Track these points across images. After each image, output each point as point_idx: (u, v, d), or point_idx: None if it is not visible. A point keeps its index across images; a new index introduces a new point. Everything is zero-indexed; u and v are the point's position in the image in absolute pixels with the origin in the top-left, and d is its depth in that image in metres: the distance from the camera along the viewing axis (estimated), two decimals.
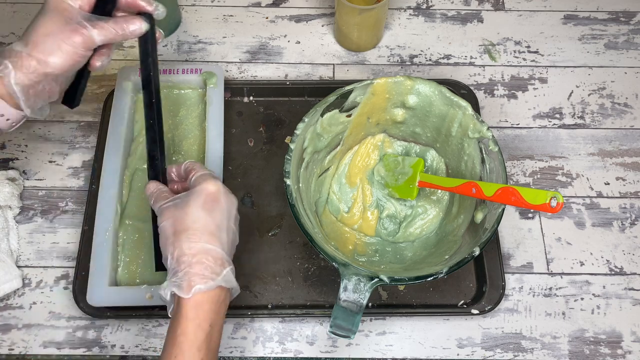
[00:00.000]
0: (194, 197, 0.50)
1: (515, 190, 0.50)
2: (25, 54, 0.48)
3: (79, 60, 0.50)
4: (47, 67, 0.48)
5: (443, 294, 0.64)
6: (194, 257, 0.47)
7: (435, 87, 0.61)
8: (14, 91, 0.48)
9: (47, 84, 0.49)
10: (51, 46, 0.48)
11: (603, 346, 0.63)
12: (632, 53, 0.80)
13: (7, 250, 0.64)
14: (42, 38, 0.48)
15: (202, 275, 0.46)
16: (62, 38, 0.48)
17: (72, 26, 0.48)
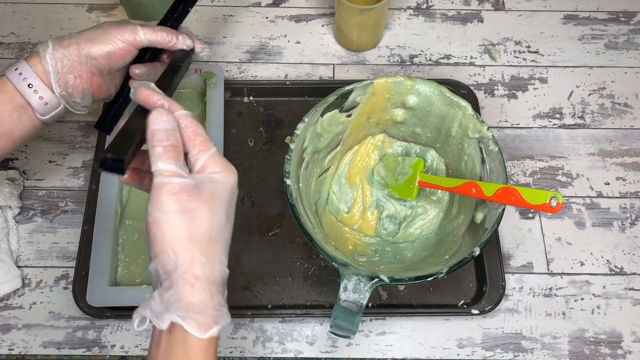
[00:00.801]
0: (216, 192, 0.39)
1: (515, 190, 0.50)
2: (68, 35, 0.50)
3: (118, 52, 0.50)
4: (85, 47, 0.49)
5: (443, 294, 0.64)
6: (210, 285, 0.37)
7: (435, 87, 0.61)
8: (47, 63, 0.49)
9: (82, 70, 0.50)
10: (96, 33, 0.50)
11: (603, 346, 0.63)
12: (632, 53, 0.80)
13: (7, 250, 0.64)
14: (92, 29, 0.51)
15: (215, 312, 0.37)
16: (108, 27, 0.50)
17: (124, 23, 0.51)
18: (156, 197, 0.37)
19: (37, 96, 0.50)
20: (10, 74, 0.50)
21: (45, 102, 0.50)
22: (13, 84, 0.49)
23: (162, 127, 0.38)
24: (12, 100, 0.49)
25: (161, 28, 0.53)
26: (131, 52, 0.52)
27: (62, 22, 0.81)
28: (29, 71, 0.49)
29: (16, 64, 0.50)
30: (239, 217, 0.67)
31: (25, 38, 0.80)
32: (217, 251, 0.39)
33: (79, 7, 0.82)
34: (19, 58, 0.53)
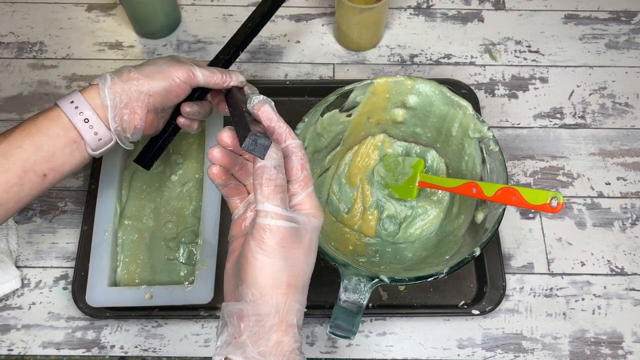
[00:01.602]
0: (313, 237, 0.39)
1: (516, 190, 0.50)
2: (127, 69, 0.50)
3: (175, 89, 0.51)
4: (144, 84, 0.49)
5: (443, 295, 0.64)
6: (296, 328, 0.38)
7: (435, 86, 0.61)
8: (105, 97, 0.48)
9: (138, 106, 0.50)
10: (154, 69, 0.50)
11: (604, 347, 0.63)
12: (633, 53, 0.80)
13: (6, 251, 0.64)
14: (150, 65, 0.51)
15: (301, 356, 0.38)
16: (167, 66, 0.50)
17: (181, 62, 0.52)
18: (260, 236, 0.37)
19: (92, 131, 0.48)
20: (65, 107, 0.48)
21: (99, 138, 0.49)
22: (68, 117, 0.48)
23: (272, 164, 0.37)
24: (66, 134, 0.48)
25: (216, 69, 0.54)
26: (186, 90, 0.52)
27: (62, 21, 0.81)
28: (85, 105, 0.48)
29: (71, 96, 0.49)
30: None
31: (24, 38, 0.79)
32: (304, 296, 0.39)
33: (79, 6, 0.82)
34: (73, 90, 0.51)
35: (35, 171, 0.47)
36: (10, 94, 0.75)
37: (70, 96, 0.49)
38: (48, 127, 0.47)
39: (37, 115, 0.48)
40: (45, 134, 0.47)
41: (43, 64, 0.78)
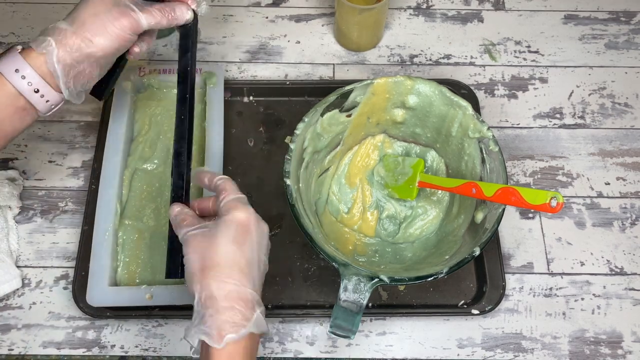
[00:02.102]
0: (223, 227, 0.45)
1: (515, 190, 0.50)
2: (70, 32, 0.47)
3: (124, 43, 0.50)
4: (91, 47, 0.47)
5: (443, 294, 0.64)
6: (223, 301, 0.42)
7: (435, 87, 0.61)
8: (54, 69, 0.47)
9: (88, 65, 0.49)
10: (98, 26, 0.47)
11: (603, 346, 0.63)
12: (633, 53, 0.80)
13: (7, 250, 0.64)
14: (90, 18, 0.47)
15: (233, 322, 0.42)
16: (109, 19, 0.48)
17: (121, 9, 0.48)
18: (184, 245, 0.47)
19: (43, 99, 0.48)
20: (11, 77, 0.46)
21: (49, 102, 0.49)
22: (17, 89, 0.47)
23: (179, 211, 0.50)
24: (14, 103, 0.47)
25: (159, 8, 0.51)
26: (134, 40, 0.51)
27: None
28: (33, 74, 0.47)
29: (14, 62, 0.47)
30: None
31: (25, 38, 0.80)
32: (229, 275, 0.44)
33: None
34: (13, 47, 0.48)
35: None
36: None
37: (14, 62, 0.47)
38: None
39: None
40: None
41: None
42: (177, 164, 0.54)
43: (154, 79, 0.72)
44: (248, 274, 0.44)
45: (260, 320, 0.44)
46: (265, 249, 0.48)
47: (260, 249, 0.47)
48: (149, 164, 0.68)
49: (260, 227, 0.47)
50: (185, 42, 0.56)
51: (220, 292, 0.43)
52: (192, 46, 0.55)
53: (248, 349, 0.43)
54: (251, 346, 0.43)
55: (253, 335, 0.43)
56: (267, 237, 0.48)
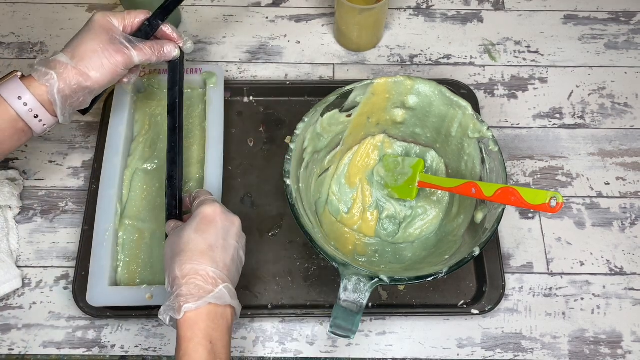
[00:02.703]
0: (190, 221, 0.51)
1: (515, 190, 0.50)
2: (70, 66, 0.52)
3: (116, 77, 0.55)
4: (88, 81, 0.53)
5: (443, 294, 0.64)
6: (183, 279, 0.47)
7: (435, 87, 0.61)
8: (55, 100, 0.52)
9: (83, 95, 0.54)
10: (95, 62, 0.53)
11: (603, 346, 0.63)
12: (632, 53, 0.80)
13: (7, 250, 0.64)
14: (88, 54, 0.53)
15: (191, 294, 0.47)
16: (106, 56, 0.53)
17: (116, 46, 0.54)
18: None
19: (41, 124, 0.53)
20: (13, 102, 0.51)
21: (46, 127, 0.54)
22: (18, 113, 0.51)
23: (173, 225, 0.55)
24: (14, 126, 0.52)
25: (150, 46, 0.57)
26: (125, 73, 0.56)
27: (62, 22, 0.81)
28: (35, 103, 0.51)
29: (16, 89, 0.51)
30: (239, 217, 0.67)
31: (25, 38, 0.80)
32: (190, 257, 0.48)
33: (79, 7, 0.82)
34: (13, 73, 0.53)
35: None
36: None
37: (15, 88, 0.51)
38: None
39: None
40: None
41: None
42: (170, 185, 0.59)
43: (154, 79, 0.72)
44: (209, 255, 0.49)
45: (224, 294, 0.48)
46: (235, 236, 0.52)
47: (227, 235, 0.51)
48: (149, 164, 0.68)
49: (228, 218, 0.52)
50: (173, 75, 0.61)
51: (181, 272, 0.48)
52: (180, 80, 0.61)
53: (211, 317, 0.47)
54: (216, 315, 0.47)
55: (219, 307, 0.47)
56: (237, 227, 0.52)
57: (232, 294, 0.49)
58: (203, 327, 0.46)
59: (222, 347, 0.47)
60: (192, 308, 0.46)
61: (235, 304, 0.49)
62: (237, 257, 0.52)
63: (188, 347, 0.45)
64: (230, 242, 0.51)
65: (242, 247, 0.53)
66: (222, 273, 0.49)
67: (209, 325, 0.46)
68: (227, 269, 0.50)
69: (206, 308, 0.47)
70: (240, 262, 0.53)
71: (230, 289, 0.49)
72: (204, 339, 0.46)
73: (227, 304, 0.48)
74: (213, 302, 0.47)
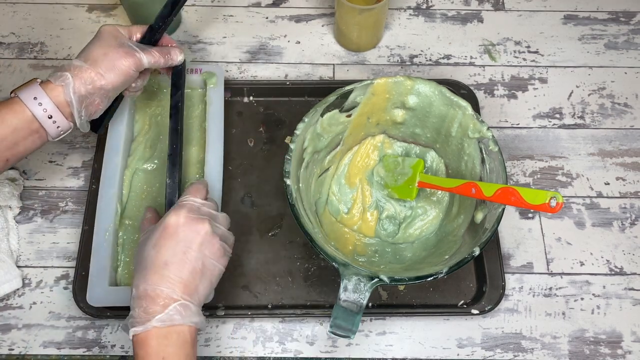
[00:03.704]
0: (153, 232, 0.51)
1: (515, 190, 0.50)
2: (85, 67, 0.54)
3: (129, 79, 0.57)
4: (102, 81, 0.55)
5: (443, 294, 0.64)
6: (136, 301, 0.48)
7: (435, 87, 0.61)
8: (71, 99, 0.53)
9: (98, 97, 0.55)
10: (108, 64, 0.55)
11: (603, 346, 0.63)
12: (632, 53, 0.80)
13: (7, 250, 0.64)
14: (101, 56, 0.55)
15: (139, 317, 0.47)
16: (117, 58, 0.56)
17: (126, 49, 0.56)
18: None
19: (55, 125, 0.54)
20: (29, 103, 0.52)
21: (60, 128, 0.55)
22: (33, 114, 0.52)
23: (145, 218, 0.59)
24: (28, 127, 0.53)
25: (157, 50, 0.60)
26: (136, 76, 0.58)
27: (62, 22, 0.81)
28: (49, 103, 0.53)
29: (33, 90, 0.53)
30: (239, 217, 0.68)
31: (25, 38, 0.80)
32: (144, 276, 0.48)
33: (79, 7, 0.82)
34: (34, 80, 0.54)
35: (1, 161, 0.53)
36: None
37: (33, 90, 0.53)
38: (12, 120, 0.52)
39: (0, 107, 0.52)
40: (8, 127, 0.52)
41: (44, 65, 0.78)
42: (170, 186, 0.59)
43: (154, 79, 0.72)
44: (162, 273, 0.48)
45: (171, 316, 0.47)
46: (198, 247, 0.50)
47: (188, 247, 0.49)
48: (149, 164, 0.68)
49: (192, 227, 0.50)
50: (177, 81, 0.64)
51: (137, 291, 0.48)
52: (182, 85, 0.64)
53: (163, 335, 0.47)
54: (168, 333, 0.47)
55: (171, 328, 0.47)
56: (202, 236, 0.50)
57: (189, 311, 0.48)
58: (154, 345, 0.46)
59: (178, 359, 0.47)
60: (139, 332, 0.47)
61: (190, 322, 0.48)
62: (202, 268, 0.50)
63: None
64: (191, 255, 0.49)
65: (210, 255, 0.50)
66: (176, 292, 0.48)
67: (159, 343, 0.46)
68: (182, 286, 0.48)
69: (155, 328, 0.47)
70: (209, 272, 0.50)
71: (187, 305, 0.48)
72: (154, 356, 0.46)
73: (176, 325, 0.47)
74: (158, 325, 0.46)
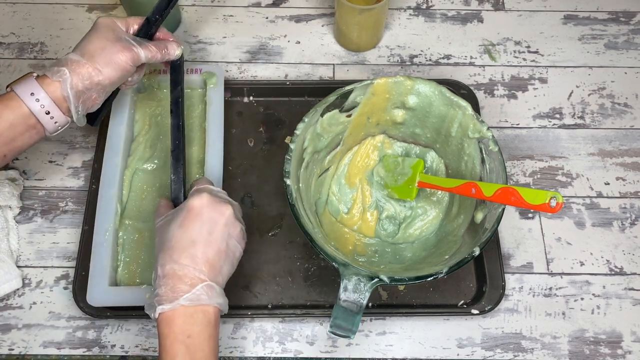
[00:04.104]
0: (177, 214, 0.51)
1: (515, 190, 0.50)
2: (82, 62, 0.54)
3: (126, 73, 0.56)
4: (100, 76, 0.54)
5: (443, 294, 0.64)
6: (162, 279, 0.48)
7: (435, 87, 0.61)
8: (68, 95, 0.53)
9: (94, 92, 0.55)
10: (105, 58, 0.54)
11: (603, 346, 0.63)
12: (632, 53, 0.80)
13: (7, 250, 0.64)
14: (98, 51, 0.54)
15: (166, 296, 0.47)
16: (115, 52, 0.55)
17: (123, 44, 0.56)
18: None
19: (52, 120, 0.54)
20: (26, 99, 0.52)
21: (57, 123, 0.54)
22: (30, 109, 0.52)
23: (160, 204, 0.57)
24: (26, 122, 0.53)
25: (154, 45, 0.59)
26: (132, 70, 0.58)
27: (62, 22, 0.81)
28: (46, 99, 0.52)
29: (30, 85, 0.52)
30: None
31: (25, 38, 0.80)
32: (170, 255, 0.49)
33: (79, 7, 0.82)
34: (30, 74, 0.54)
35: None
36: None
37: (29, 85, 0.52)
38: (9, 115, 0.52)
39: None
40: (5, 122, 0.52)
41: (44, 65, 0.78)
42: (175, 182, 0.59)
43: (154, 79, 0.72)
44: (189, 252, 0.49)
45: (199, 295, 0.47)
46: (222, 228, 0.51)
47: (213, 227, 0.50)
48: (149, 164, 0.68)
49: (216, 209, 0.51)
50: (176, 76, 0.63)
51: (162, 271, 0.48)
52: (181, 80, 0.64)
53: (188, 313, 0.47)
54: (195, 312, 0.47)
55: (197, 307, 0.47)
56: (226, 217, 0.51)
57: (214, 292, 0.49)
58: (180, 323, 0.47)
59: (203, 340, 0.47)
60: (166, 309, 0.47)
61: (216, 303, 0.49)
62: (226, 249, 0.51)
63: (166, 344, 0.46)
64: (216, 235, 0.50)
65: (234, 237, 0.52)
66: (203, 271, 0.49)
67: (185, 321, 0.47)
68: (209, 265, 0.49)
69: (182, 308, 0.47)
70: (232, 253, 0.52)
71: (212, 286, 0.49)
72: (180, 334, 0.46)
73: (203, 304, 0.48)
74: (186, 304, 0.47)
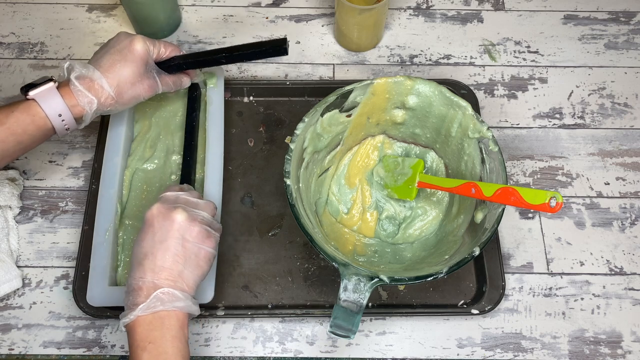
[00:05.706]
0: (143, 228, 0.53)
1: (515, 190, 0.50)
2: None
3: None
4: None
5: (443, 294, 0.64)
6: (126, 295, 0.51)
7: (435, 87, 0.61)
8: (87, 118, 0.57)
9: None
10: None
11: (603, 346, 0.63)
12: (632, 53, 0.80)
13: (7, 250, 0.64)
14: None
15: (128, 310, 0.50)
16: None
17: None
18: None
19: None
20: (47, 109, 0.55)
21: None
22: (48, 118, 0.55)
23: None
24: (39, 126, 0.55)
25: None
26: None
27: (62, 22, 0.81)
28: (67, 113, 0.55)
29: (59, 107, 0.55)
30: (239, 217, 0.68)
31: (25, 38, 0.80)
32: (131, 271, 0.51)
33: (79, 7, 0.82)
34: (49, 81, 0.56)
35: (10, 157, 0.56)
36: (11, 94, 0.75)
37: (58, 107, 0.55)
38: (33, 130, 0.55)
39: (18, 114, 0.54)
40: (27, 134, 0.55)
41: (44, 65, 0.78)
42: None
43: None
44: (144, 265, 0.50)
45: (153, 303, 0.49)
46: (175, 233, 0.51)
47: (165, 235, 0.51)
48: (149, 164, 0.68)
49: (166, 216, 0.52)
50: (192, 103, 0.69)
51: (127, 288, 0.51)
52: (197, 108, 0.70)
53: (147, 321, 0.49)
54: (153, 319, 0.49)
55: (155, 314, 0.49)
56: (178, 222, 0.51)
57: (173, 297, 0.49)
58: (140, 332, 0.49)
59: (165, 343, 0.48)
60: (127, 322, 0.49)
61: (173, 307, 0.49)
62: (184, 253, 0.51)
63: (132, 353, 0.49)
64: (170, 242, 0.50)
65: (191, 239, 0.51)
66: (160, 279, 0.50)
67: (144, 329, 0.49)
68: (166, 273, 0.50)
69: (140, 317, 0.49)
70: (194, 255, 0.51)
71: (171, 292, 0.49)
72: (142, 342, 0.48)
73: (158, 311, 0.49)
74: (140, 315, 0.49)
